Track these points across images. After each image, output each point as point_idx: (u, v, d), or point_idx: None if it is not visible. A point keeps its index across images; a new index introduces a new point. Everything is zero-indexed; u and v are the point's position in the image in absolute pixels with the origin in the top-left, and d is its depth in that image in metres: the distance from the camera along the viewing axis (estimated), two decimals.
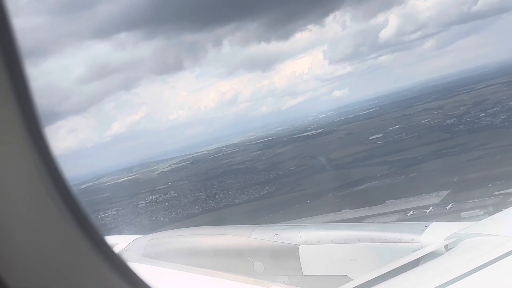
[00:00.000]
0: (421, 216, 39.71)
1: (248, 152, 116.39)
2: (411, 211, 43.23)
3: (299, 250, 5.56)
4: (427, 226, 5.06)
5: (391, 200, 47.60)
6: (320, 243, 5.46)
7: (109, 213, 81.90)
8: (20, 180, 1.77)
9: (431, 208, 42.44)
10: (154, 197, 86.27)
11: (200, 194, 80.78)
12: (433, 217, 39.31)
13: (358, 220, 45.17)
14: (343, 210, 48.89)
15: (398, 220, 40.06)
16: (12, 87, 1.68)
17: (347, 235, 5.43)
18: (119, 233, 63.77)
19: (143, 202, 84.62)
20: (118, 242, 7.03)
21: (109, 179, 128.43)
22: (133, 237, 7.29)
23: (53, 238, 1.89)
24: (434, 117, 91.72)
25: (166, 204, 79.88)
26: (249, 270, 5.85)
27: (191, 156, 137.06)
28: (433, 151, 63.10)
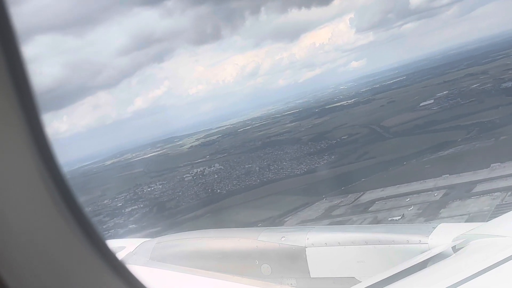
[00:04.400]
0: None
1: (281, 124, 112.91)
2: None
3: (307, 253, 5.50)
4: (434, 227, 4.98)
5: (497, 164, 44.13)
6: (328, 245, 5.41)
7: (155, 187, 78.67)
8: (20, 179, 1.78)
9: None
10: (198, 170, 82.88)
11: (250, 165, 77.28)
12: None
13: (466, 185, 42.01)
14: (443, 176, 45.43)
15: None
16: (13, 84, 1.68)
17: (354, 237, 5.33)
18: (184, 209, 60.37)
19: (188, 175, 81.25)
20: (125, 246, 7.00)
21: (134, 154, 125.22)
22: (141, 240, 7.21)
23: (53, 238, 1.89)
24: (484, 81, 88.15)
25: (216, 176, 76.35)
26: (257, 273, 5.80)
27: (216, 130, 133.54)
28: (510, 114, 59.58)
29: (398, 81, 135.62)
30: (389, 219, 39.63)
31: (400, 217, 39.27)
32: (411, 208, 40.75)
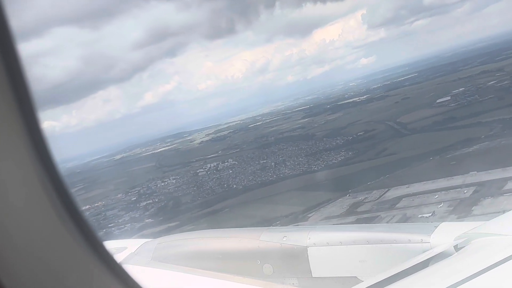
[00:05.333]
0: None
1: (293, 120, 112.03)
2: None
3: (308, 252, 5.48)
4: (436, 227, 4.97)
5: None
6: (329, 245, 5.38)
7: (169, 182, 77.92)
8: (18, 181, 1.79)
9: None
10: (211, 165, 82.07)
11: (265, 161, 76.44)
12: None
13: (497, 182, 41.09)
14: (471, 173, 44.50)
15: None
16: (10, 85, 1.69)
17: (356, 236, 5.31)
18: (199, 204, 59.57)
19: (202, 170, 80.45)
20: (127, 246, 6.89)
21: (143, 149, 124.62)
22: (142, 240, 7.14)
23: (50, 240, 1.90)
24: (501, 78, 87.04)
25: (231, 171, 75.52)
26: (258, 273, 5.78)
27: (225, 126, 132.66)
28: None
29: (410, 78, 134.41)
30: (419, 216, 38.79)
31: (430, 214, 38.40)
32: (441, 205, 39.88)
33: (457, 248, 4.48)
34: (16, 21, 1.70)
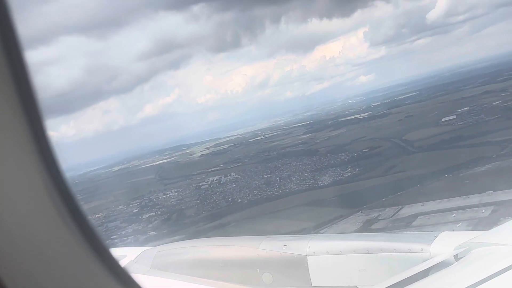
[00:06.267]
0: None
1: (294, 135, 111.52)
2: None
3: (308, 261, 5.44)
4: (436, 236, 4.98)
5: None
6: (329, 254, 5.35)
7: (170, 194, 76.68)
8: (20, 180, 1.81)
9: None
10: (214, 178, 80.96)
11: (269, 176, 75.44)
12: None
13: None
14: (487, 192, 43.74)
15: None
16: (14, 84, 1.70)
17: (356, 245, 5.30)
18: (202, 217, 58.38)
19: (204, 183, 79.29)
20: (126, 254, 6.81)
21: (141, 161, 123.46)
22: (142, 249, 7.14)
23: (54, 244, 1.93)
24: (505, 99, 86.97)
25: (234, 185, 74.42)
26: (258, 282, 5.71)
27: (225, 139, 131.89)
28: None
29: (411, 96, 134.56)
30: None
31: None
32: (459, 224, 39.02)
33: (457, 257, 4.47)
34: (26, 29, 1.70)
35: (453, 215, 41.09)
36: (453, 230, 37.25)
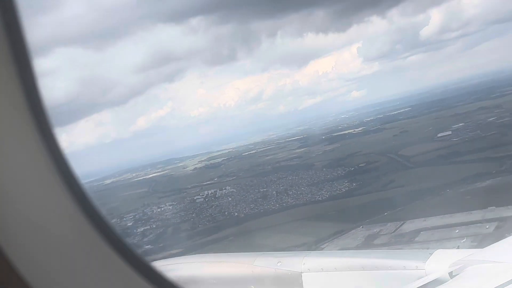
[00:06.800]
0: None
1: (288, 149, 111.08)
2: None
3: (303, 278, 5.33)
4: (431, 253, 4.95)
5: None
6: (324, 271, 5.27)
7: (165, 208, 75.67)
8: (33, 180, 1.87)
9: None
10: (209, 192, 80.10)
11: (264, 189, 74.73)
12: None
13: None
14: (490, 207, 43.42)
15: None
16: (22, 87, 1.74)
17: (351, 262, 5.25)
18: (205, 228, 57.37)
19: (199, 197, 78.39)
20: None
21: (134, 174, 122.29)
22: None
23: (73, 242, 1.97)
24: (500, 115, 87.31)
25: (230, 199, 73.61)
26: None
27: (218, 153, 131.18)
28: None
29: (404, 112, 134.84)
30: None
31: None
32: (464, 240, 38.56)
33: (451, 275, 4.47)
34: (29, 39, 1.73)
35: (457, 230, 40.64)
36: (458, 246, 36.83)
